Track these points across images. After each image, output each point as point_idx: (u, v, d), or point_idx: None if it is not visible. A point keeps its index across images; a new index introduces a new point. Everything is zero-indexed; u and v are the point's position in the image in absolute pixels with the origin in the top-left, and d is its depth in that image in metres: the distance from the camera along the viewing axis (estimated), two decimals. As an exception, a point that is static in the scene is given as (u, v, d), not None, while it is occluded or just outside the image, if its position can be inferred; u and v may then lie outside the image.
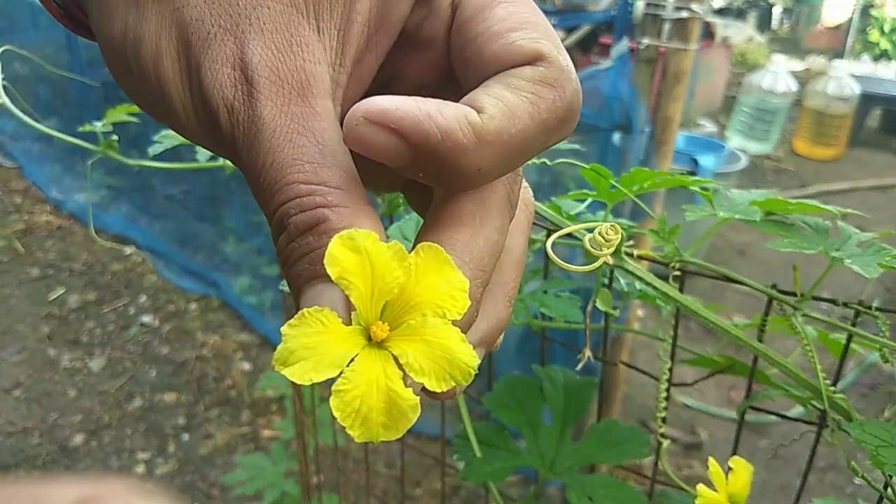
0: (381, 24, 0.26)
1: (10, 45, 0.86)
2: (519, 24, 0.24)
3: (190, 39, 0.24)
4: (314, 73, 0.24)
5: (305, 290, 0.23)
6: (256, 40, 0.23)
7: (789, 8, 9.58)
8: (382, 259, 0.22)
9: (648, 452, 0.63)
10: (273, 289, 2.23)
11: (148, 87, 0.25)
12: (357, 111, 0.21)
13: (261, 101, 0.23)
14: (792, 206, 0.56)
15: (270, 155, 0.23)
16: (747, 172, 3.54)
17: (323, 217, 0.22)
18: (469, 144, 0.22)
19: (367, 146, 0.22)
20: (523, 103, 0.23)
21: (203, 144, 0.26)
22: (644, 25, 1.39)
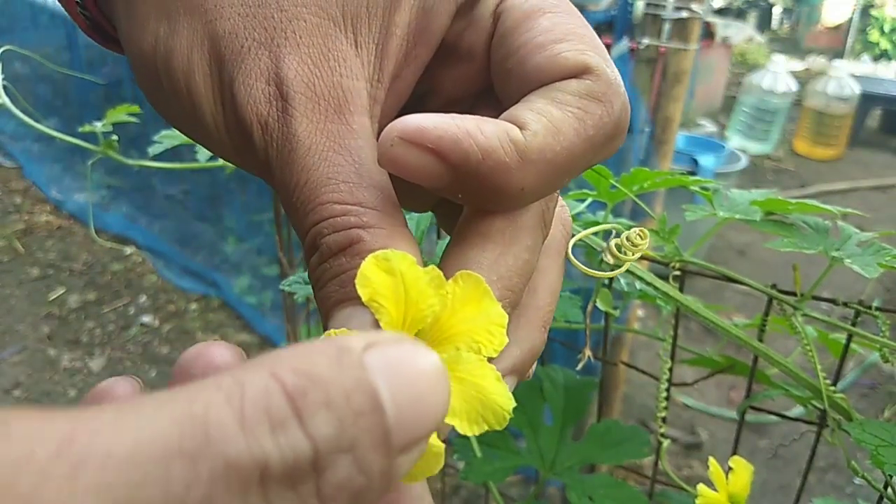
0: (421, 38, 0.25)
1: (10, 45, 0.86)
2: (564, 36, 0.23)
3: (223, 53, 0.23)
4: (351, 89, 0.23)
5: (334, 313, 0.22)
6: (292, 54, 0.23)
7: (789, 8, 9.58)
8: (418, 284, 0.21)
9: (648, 452, 0.63)
10: (273, 289, 2.23)
11: (179, 102, 0.24)
12: (392, 131, 0.21)
13: (296, 118, 0.22)
14: (792, 206, 0.56)
15: (305, 173, 0.22)
16: (747, 172, 3.53)
17: (357, 238, 0.22)
18: (511, 163, 0.21)
19: (402, 167, 0.21)
20: (569, 119, 0.22)
21: (234, 161, 0.25)
22: (644, 25, 1.39)
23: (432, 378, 0.17)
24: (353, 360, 0.16)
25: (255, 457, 0.14)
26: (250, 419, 0.14)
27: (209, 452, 0.13)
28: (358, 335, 0.17)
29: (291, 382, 0.15)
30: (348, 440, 0.15)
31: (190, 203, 2.67)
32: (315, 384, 0.15)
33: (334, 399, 0.15)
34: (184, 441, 0.13)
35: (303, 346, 0.16)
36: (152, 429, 0.13)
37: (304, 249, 0.23)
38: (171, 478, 0.13)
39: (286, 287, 0.59)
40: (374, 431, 0.15)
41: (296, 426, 0.14)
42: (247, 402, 0.14)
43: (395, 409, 0.16)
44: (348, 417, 0.15)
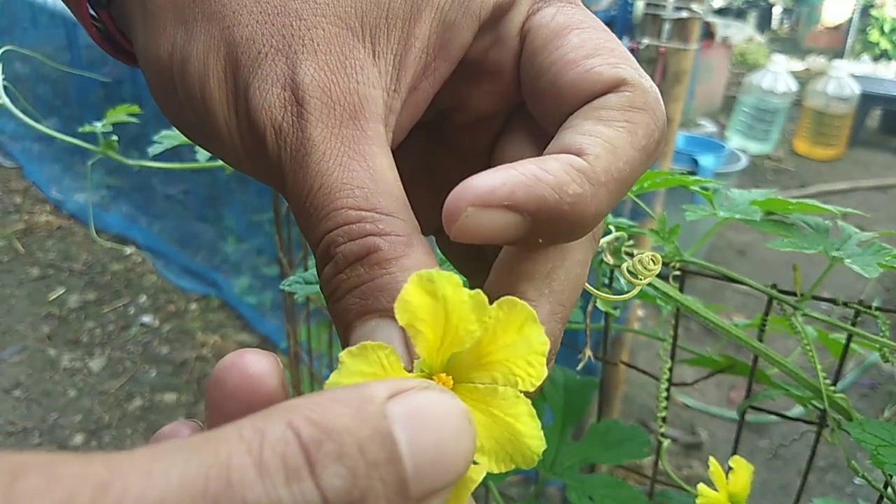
0: (441, 51, 0.25)
1: (10, 45, 0.86)
2: (595, 51, 0.24)
3: (239, 59, 0.23)
4: (367, 97, 0.23)
5: (356, 326, 0.21)
6: (309, 61, 0.23)
7: (789, 8, 9.58)
8: (460, 309, 0.20)
9: (648, 452, 0.63)
10: (273, 289, 2.23)
11: (193, 108, 0.24)
12: (460, 201, 0.20)
13: (311, 123, 0.22)
14: (792, 205, 0.56)
15: (319, 178, 0.22)
16: (747, 172, 3.53)
17: (374, 246, 0.21)
18: (585, 192, 0.21)
19: (480, 233, 0.20)
20: (621, 134, 0.22)
21: (246, 168, 0.25)
22: (644, 25, 1.39)
23: (457, 428, 0.17)
24: (375, 411, 0.16)
25: (272, 502, 0.14)
26: (267, 467, 0.15)
27: (231, 496, 0.14)
28: (382, 383, 0.17)
29: (306, 433, 0.15)
30: (359, 492, 0.15)
31: (190, 203, 2.67)
32: (329, 435, 0.15)
33: (347, 451, 0.15)
34: (209, 486, 0.14)
35: (326, 395, 0.16)
36: (181, 475, 0.14)
37: (316, 258, 0.22)
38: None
39: (286, 287, 0.59)
40: (390, 482, 0.16)
41: (308, 477, 0.15)
42: (265, 450, 0.15)
43: (415, 459, 0.16)
44: (361, 469, 0.15)
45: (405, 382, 0.18)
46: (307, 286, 0.58)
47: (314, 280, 0.58)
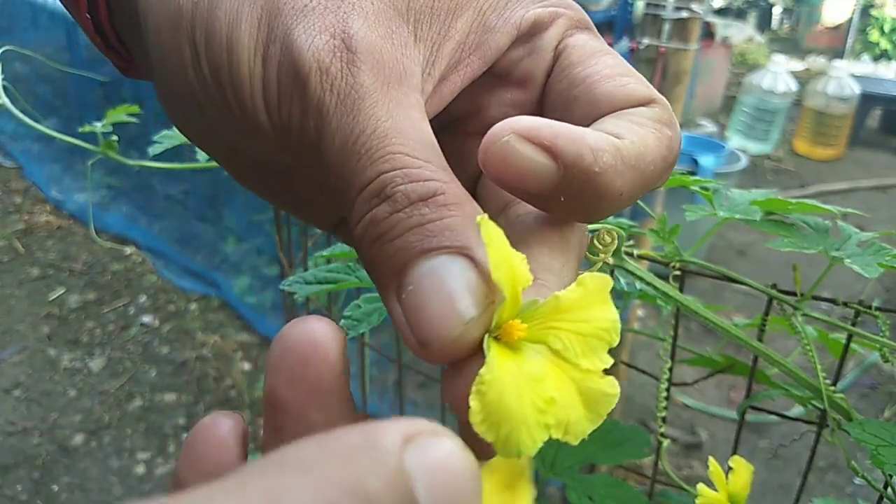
0: (476, 50, 0.26)
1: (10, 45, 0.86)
2: (627, 72, 0.25)
3: (281, 8, 0.23)
4: (410, 69, 0.24)
5: (420, 261, 0.20)
6: (360, 21, 0.23)
7: (789, 8, 9.58)
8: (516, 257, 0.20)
9: (648, 452, 0.63)
10: (273, 289, 2.23)
11: (211, 59, 0.24)
12: (504, 127, 0.21)
13: (363, 71, 0.22)
14: (792, 205, 0.56)
15: (373, 122, 0.21)
16: (747, 172, 3.53)
17: (440, 189, 0.21)
18: (617, 166, 0.22)
19: (512, 165, 0.21)
20: (652, 136, 0.23)
21: (254, 125, 0.24)
22: (644, 25, 1.39)
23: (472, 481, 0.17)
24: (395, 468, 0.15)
25: None
26: None
27: None
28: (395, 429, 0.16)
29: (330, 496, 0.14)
30: None
31: (190, 203, 2.67)
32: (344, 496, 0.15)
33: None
34: None
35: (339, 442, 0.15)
36: None
37: (357, 203, 0.21)
38: None
39: (286, 287, 0.59)
40: None
41: None
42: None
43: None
44: None
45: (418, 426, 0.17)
46: (307, 286, 0.58)
47: (314, 280, 0.58)
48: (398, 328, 0.21)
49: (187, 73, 0.24)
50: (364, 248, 0.22)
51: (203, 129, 0.28)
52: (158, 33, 0.25)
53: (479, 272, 0.20)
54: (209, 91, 0.24)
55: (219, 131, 0.26)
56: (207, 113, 0.25)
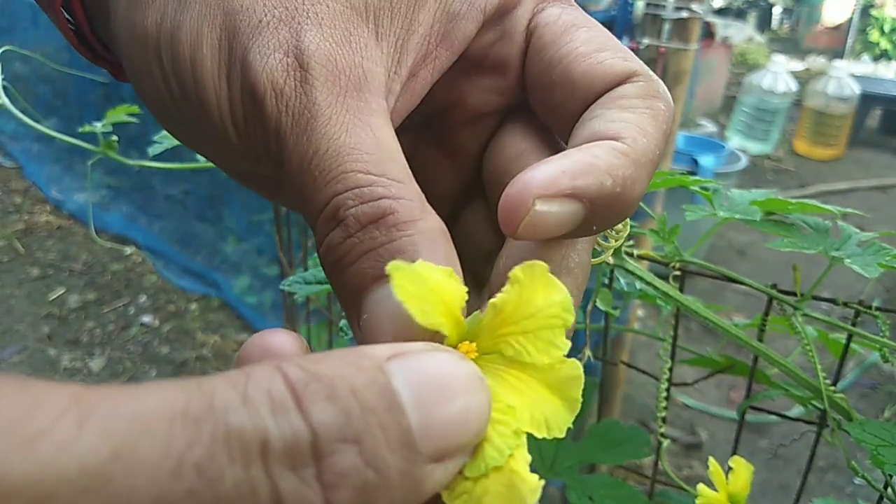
0: (443, 41, 0.25)
1: (10, 45, 0.86)
2: (602, 46, 0.24)
3: (237, 26, 0.23)
4: (371, 72, 0.23)
5: (374, 289, 0.20)
6: (314, 32, 0.22)
7: (789, 8, 9.58)
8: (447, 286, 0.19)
9: (648, 452, 0.63)
10: (273, 289, 2.23)
11: (178, 80, 0.24)
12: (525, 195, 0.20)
13: (316, 88, 0.22)
14: (792, 206, 0.56)
15: (325, 141, 0.21)
16: (747, 172, 3.53)
17: (390, 209, 0.20)
18: (632, 174, 0.21)
19: (546, 227, 0.20)
20: (647, 119, 0.23)
21: (227, 141, 0.24)
22: (644, 25, 1.39)
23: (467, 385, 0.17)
24: (372, 364, 0.16)
25: (256, 427, 0.14)
26: (251, 398, 0.15)
27: (212, 418, 0.14)
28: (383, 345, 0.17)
29: (294, 374, 0.15)
30: (353, 432, 0.15)
31: (190, 203, 2.67)
32: (318, 379, 0.15)
33: (338, 393, 0.15)
34: (189, 407, 0.14)
35: (321, 353, 0.16)
36: (159, 397, 0.14)
37: (318, 225, 0.21)
38: (173, 434, 0.14)
39: (286, 287, 0.59)
40: (391, 429, 0.15)
41: (294, 410, 0.15)
42: (249, 385, 0.15)
43: (421, 412, 0.16)
44: (354, 410, 0.15)
45: (408, 345, 0.17)
46: (307, 286, 0.58)
47: (314, 280, 0.58)
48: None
49: (159, 92, 0.24)
50: (326, 272, 0.22)
51: (185, 138, 0.28)
52: (130, 54, 0.25)
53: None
54: (181, 109, 0.24)
55: (197, 143, 0.26)
56: (183, 127, 0.25)
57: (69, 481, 0.13)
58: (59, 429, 0.13)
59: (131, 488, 0.13)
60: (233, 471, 0.14)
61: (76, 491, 0.13)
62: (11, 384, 0.13)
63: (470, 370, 0.17)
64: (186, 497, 0.13)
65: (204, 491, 0.14)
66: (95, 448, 0.13)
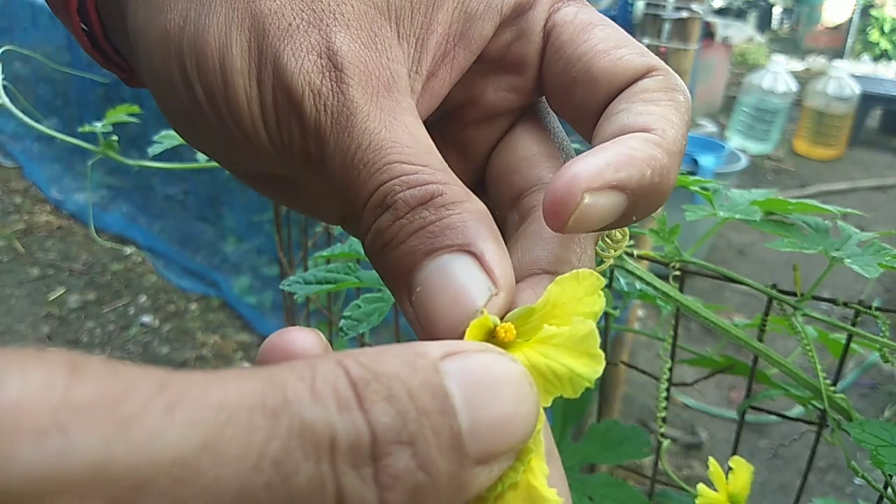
0: (461, 41, 0.25)
1: (10, 45, 0.86)
2: (621, 42, 0.25)
3: (267, 29, 0.23)
4: (398, 73, 0.24)
5: (426, 263, 0.21)
6: (343, 34, 0.23)
7: (789, 8, 9.58)
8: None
9: (648, 452, 0.63)
10: (273, 289, 2.23)
11: (204, 82, 0.24)
12: (574, 189, 0.21)
13: (352, 87, 0.22)
14: (792, 206, 0.56)
15: (367, 136, 0.22)
16: (747, 172, 3.53)
17: (438, 191, 0.21)
18: (666, 163, 0.22)
19: (593, 219, 0.21)
20: (672, 111, 0.24)
21: (254, 142, 0.24)
22: (644, 25, 1.39)
23: (518, 390, 0.17)
24: (427, 364, 0.16)
25: (327, 424, 0.15)
26: (320, 393, 0.15)
27: (288, 411, 0.15)
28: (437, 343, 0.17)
29: (355, 371, 0.16)
30: (408, 434, 0.15)
31: (190, 203, 2.67)
32: (377, 378, 0.16)
33: (396, 394, 0.15)
34: (266, 399, 0.14)
35: (380, 348, 0.17)
36: (239, 388, 0.15)
37: (363, 216, 0.22)
38: (254, 426, 0.14)
39: (286, 287, 0.59)
40: (442, 432, 0.16)
41: (357, 408, 0.15)
42: (317, 379, 0.15)
43: (471, 415, 0.16)
44: (410, 413, 0.15)
45: (462, 344, 0.18)
46: (307, 286, 0.58)
47: (314, 280, 0.58)
48: (414, 330, 0.22)
49: (179, 95, 0.25)
50: (374, 257, 0.23)
51: (202, 142, 0.28)
52: (148, 55, 0.25)
53: (482, 266, 0.21)
54: (204, 112, 0.24)
55: (216, 147, 0.26)
56: (203, 131, 0.25)
57: (163, 471, 0.13)
58: (150, 415, 0.13)
59: (219, 480, 0.13)
60: (306, 466, 0.14)
61: (169, 480, 0.13)
62: (102, 368, 0.14)
63: (520, 373, 0.17)
64: (264, 490, 0.14)
65: (280, 485, 0.14)
66: (186, 436, 0.13)
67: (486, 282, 0.21)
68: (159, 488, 0.13)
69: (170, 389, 0.14)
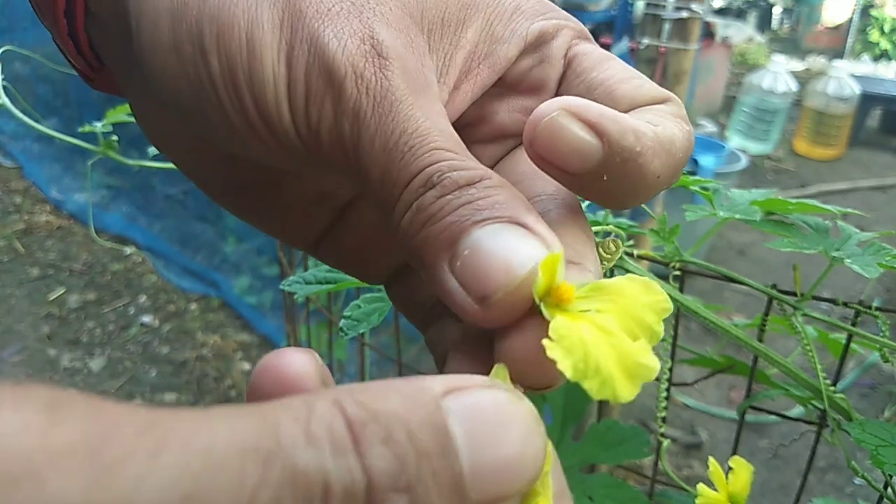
0: (485, 60, 0.26)
1: (10, 45, 0.86)
2: (638, 76, 0.27)
3: (304, 10, 0.23)
4: (430, 79, 0.24)
5: (473, 230, 0.20)
6: (384, 28, 0.23)
7: (789, 8, 9.58)
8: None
9: (648, 452, 0.63)
10: (273, 289, 2.23)
11: (225, 54, 0.23)
12: (551, 105, 0.22)
13: (396, 74, 0.23)
14: (792, 205, 0.56)
15: (413, 122, 0.22)
16: (747, 172, 3.53)
17: (486, 174, 0.22)
18: (655, 148, 0.23)
19: (560, 141, 0.22)
20: (675, 129, 0.24)
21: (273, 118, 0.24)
22: (644, 25, 1.39)
23: (525, 429, 0.16)
24: (429, 401, 0.16)
25: (320, 470, 0.14)
26: (315, 436, 0.14)
27: (281, 456, 0.14)
28: (440, 378, 0.17)
29: (352, 411, 0.15)
30: (406, 480, 0.15)
31: (190, 203, 2.67)
32: (376, 419, 0.15)
33: (395, 436, 0.15)
34: (259, 442, 0.14)
35: (379, 383, 0.16)
36: (229, 429, 0.14)
37: (404, 196, 0.22)
38: (245, 472, 0.14)
39: (286, 287, 0.59)
40: (443, 476, 0.15)
41: (353, 453, 0.15)
42: (312, 421, 0.15)
43: (473, 456, 0.15)
44: (409, 457, 0.15)
45: (467, 379, 0.17)
46: (307, 286, 0.58)
47: (314, 280, 0.58)
48: (450, 300, 0.21)
49: (187, 73, 0.24)
50: (411, 234, 0.22)
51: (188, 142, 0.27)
52: (155, 30, 0.24)
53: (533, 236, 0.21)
54: (216, 92, 0.24)
55: (217, 135, 0.25)
56: (207, 117, 0.24)
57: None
58: (135, 460, 0.13)
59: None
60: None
61: None
62: (84, 406, 0.13)
63: (528, 411, 0.17)
64: None
65: None
66: (171, 486, 0.13)
67: (540, 246, 0.20)
68: None
69: (156, 430, 0.13)
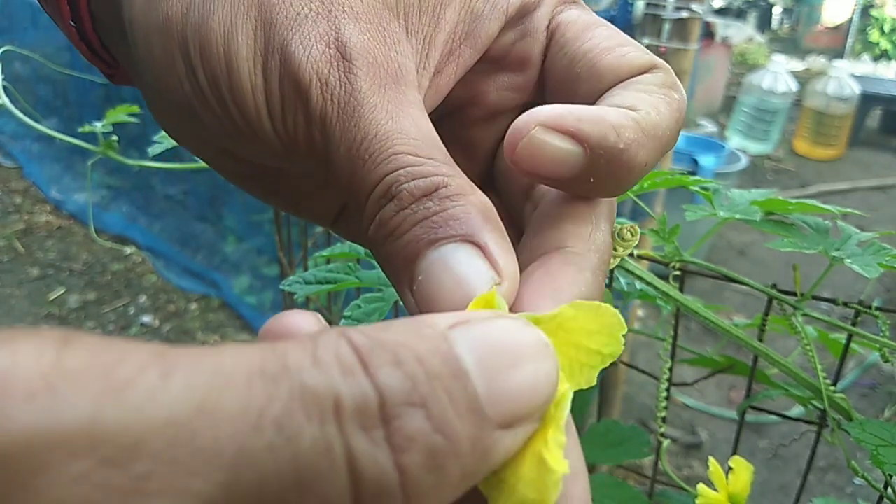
0: (467, 39, 0.26)
1: (10, 45, 0.86)
2: (624, 42, 0.26)
3: (274, 18, 0.23)
4: (405, 66, 0.24)
5: (428, 252, 0.21)
6: (352, 25, 0.23)
7: (789, 8, 9.58)
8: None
9: (648, 452, 0.63)
10: (273, 289, 2.23)
11: (209, 70, 0.24)
12: (529, 121, 0.21)
13: (360, 78, 0.23)
14: (792, 205, 0.56)
15: (373, 126, 0.22)
16: (747, 172, 3.53)
17: (442, 183, 0.21)
18: (639, 139, 0.22)
19: (543, 157, 0.21)
20: (661, 102, 0.24)
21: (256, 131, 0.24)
22: (644, 25, 1.39)
23: (535, 350, 0.17)
24: (435, 333, 0.16)
25: (329, 387, 0.14)
26: (322, 361, 0.15)
27: (287, 376, 0.14)
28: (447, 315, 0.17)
29: (358, 340, 0.15)
30: (420, 396, 0.15)
31: (190, 203, 2.67)
32: (383, 346, 0.15)
33: (403, 359, 0.15)
34: (265, 366, 0.14)
35: (382, 322, 0.17)
36: (236, 356, 0.15)
37: (367, 207, 0.22)
38: (253, 390, 0.14)
39: (286, 287, 0.59)
40: (457, 395, 0.15)
41: (362, 373, 0.15)
42: (319, 349, 0.15)
43: (487, 378, 0.16)
44: (420, 376, 0.15)
45: (471, 313, 0.17)
46: (307, 286, 0.58)
47: (314, 280, 0.58)
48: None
49: (181, 84, 0.24)
50: (377, 247, 0.22)
51: (198, 136, 0.27)
52: (148, 44, 0.25)
53: (485, 256, 0.21)
54: (206, 101, 0.24)
55: (216, 138, 0.26)
56: (204, 121, 0.25)
57: (157, 431, 0.13)
58: (145, 379, 0.13)
59: (217, 441, 0.13)
60: (310, 428, 0.14)
61: (164, 441, 0.13)
62: (95, 340, 0.14)
63: (536, 336, 0.17)
64: (267, 452, 0.14)
65: (284, 447, 0.14)
66: (181, 399, 0.13)
67: (490, 271, 0.20)
68: (154, 449, 0.13)
69: (165, 358, 0.14)
